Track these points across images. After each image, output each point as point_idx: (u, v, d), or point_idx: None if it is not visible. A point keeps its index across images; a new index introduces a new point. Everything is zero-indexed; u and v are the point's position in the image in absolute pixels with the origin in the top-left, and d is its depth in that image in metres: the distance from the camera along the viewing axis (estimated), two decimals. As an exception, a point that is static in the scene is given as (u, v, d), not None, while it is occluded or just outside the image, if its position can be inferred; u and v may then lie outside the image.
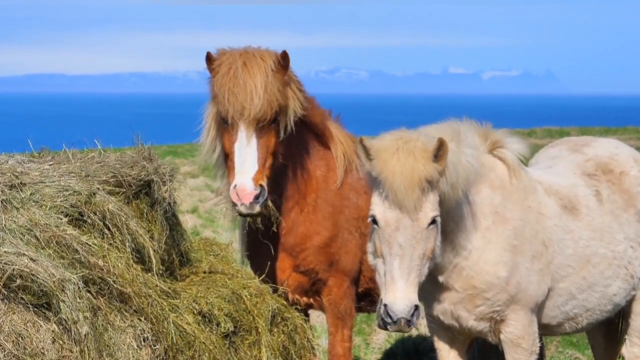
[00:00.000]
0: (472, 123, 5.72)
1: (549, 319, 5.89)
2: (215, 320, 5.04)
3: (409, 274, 5.02)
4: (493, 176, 5.63)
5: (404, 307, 4.97)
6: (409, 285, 5.01)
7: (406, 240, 5.05)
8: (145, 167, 5.09)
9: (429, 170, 5.04)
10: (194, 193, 20.30)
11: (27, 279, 4.16)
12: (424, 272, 5.13)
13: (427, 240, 5.10)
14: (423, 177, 5.02)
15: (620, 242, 6.05)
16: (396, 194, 5.04)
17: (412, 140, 5.14)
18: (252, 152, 6.03)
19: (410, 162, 5.03)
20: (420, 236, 5.07)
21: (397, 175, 5.03)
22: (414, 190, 5.01)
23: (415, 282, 5.05)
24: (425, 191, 5.06)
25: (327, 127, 6.69)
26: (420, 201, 5.03)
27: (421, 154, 5.06)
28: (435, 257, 5.19)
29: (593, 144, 6.50)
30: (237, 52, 6.25)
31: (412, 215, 5.05)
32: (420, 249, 5.07)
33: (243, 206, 5.94)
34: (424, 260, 5.10)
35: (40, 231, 4.40)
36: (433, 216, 5.09)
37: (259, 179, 5.99)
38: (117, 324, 4.50)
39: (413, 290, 5.03)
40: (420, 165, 5.03)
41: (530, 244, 5.61)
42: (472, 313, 5.58)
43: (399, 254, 5.04)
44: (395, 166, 5.04)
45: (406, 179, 5.01)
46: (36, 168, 4.84)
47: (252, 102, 6.01)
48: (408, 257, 5.04)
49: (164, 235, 5.20)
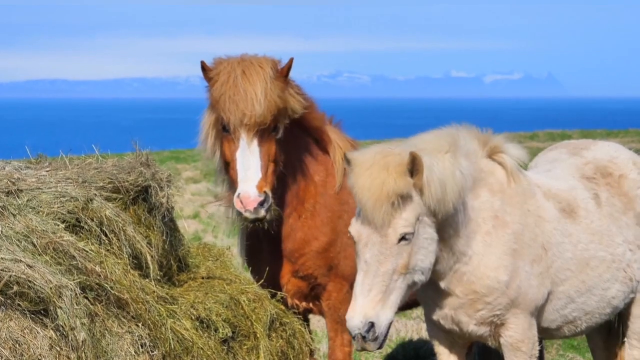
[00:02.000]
0: (471, 128, 5.71)
1: (549, 323, 5.88)
2: (213, 326, 5.03)
3: (370, 291, 5.03)
4: (492, 180, 5.62)
5: (357, 322, 5.00)
6: (369, 302, 5.02)
7: (372, 256, 5.06)
8: (142, 173, 5.09)
9: (399, 186, 5.01)
10: (195, 198, 20.30)
11: (24, 286, 4.15)
12: (396, 286, 5.10)
13: (397, 256, 5.08)
14: (393, 193, 4.99)
15: (619, 245, 6.05)
16: (365, 209, 5.05)
17: (390, 154, 5.12)
18: (255, 160, 6.05)
19: (381, 177, 5.01)
20: (389, 252, 5.06)
21: (366, 190, 5.03)
22: (382, 205, 4.99)
23: (378, 298, 5.04)
24: (397, 206, 5.02)
25: (326, 131, 6.69)
26: (389, 217, 5.01)
27: (395, 169, 5.04)
28: (412, 271, 5.15)
29: (592, 147, 6.50)
30: (235, 60, 6.27)
31: (380, 230, 5.04)
32: (389, 265, 5.06)
33: (248, 212, 5.96)
34: (394, 276, 5.08)
35: (37, 237, 4.39)
36: (403, 232, 5.06)
37: (263, 186, 6.00)
38: (115, 330, 4.49)
39: (372, 307, 5.02)
40: (391, 180, 5.00)
41: (529, 247, 5.60)
42: (472, 318, 5.57)
43: (363, 269, 5.07)
44: (366, 181, 5.04)
45: (374, 194, 4.99)
46: (33, 174, 4.84)
47: (253, 110, 6.03)
48: (372, 274, 5.05)
49: (161, 241, 5.19)
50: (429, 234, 5.21)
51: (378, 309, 5.04)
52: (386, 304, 5.07)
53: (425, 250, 5.19)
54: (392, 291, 5.09)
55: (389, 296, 5.08)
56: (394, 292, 5.10)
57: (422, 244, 5.17)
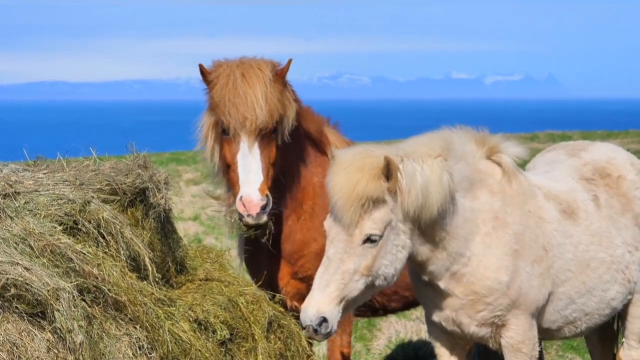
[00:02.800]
0: (467, 129, 5.71)
1: (549, 324, 5.88)
2: (211, 328, 5.03)
3: (327, 286, 5.08)
4: (492, 181, 5.62)
5: (310, 315, 5.06)
6: (324, 297, 5.07)
7: (335, 253, 5.11)
8: (140, 175, 5.08)
9: (370, 189, 5.05)
10: (196, 200, 20.29)
11: (21, 288, 4.14)
12: (356, 287, 5.13)
13: (361, 257, 5.11)
14: (363, 195, 5.04)
15: (618, 246, 6.05)
16: (336, 207, 5.11)
17: (369, 157, 5.16)
18: (256, 163, 6.05)
19: (355, 178, 5.06)
20: (352, 252, 5.10)
21: (338, 188, 5.09)
22: (352, 205, 5.04)
23: (334, 294, 5.08)
24: (367, 208, 5.07)
25: (324, 133, 6.69)
26: (357, 217, 5.06)
27: (369, 171, 5.08)
28: (374, 275, 5.17)
29: (590, 148, 6.50)
30: (234, 63, 6.26)
31: (347, 229, 5.09)
32: (351, 264, 5.10)
33: (250, 217, 5.96)
34: (355, 276, 5.11)
35: (35, 240, 4.38)
36: (369, 234, 5.10)
37: (264, 189, 6.01)
38: (113, 333, 4.48)
39: (327, 302, 5.06)
40: (363, 182, 5.05)
41: (530, 248, 5.60)
42: (473, 319, 5.57)
43: (325, 264, 5.13)
44: (340, 180, 5.10)
45: (345, 194, 5.05)
46: (30, 177, 4.83)
47: (253, 113, 6.04)
48: (332, 270, 5.10)
49: (159, 243, 5.19)
50: (400, 241, 5.23)
51: (332, 305, 5.08)
52: (342, 301, 5.11)
53: (392, 256, 5.21)
54: (351, 290, 5.13)
55: (346, 295, 5.12)
56: (353, 292, 5.14)
57: (390, 250, 5.19)
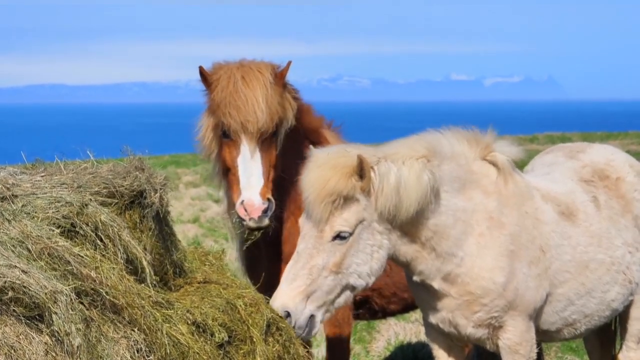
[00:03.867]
0: (458, 130, 5.70)
1: (549, 325, 5.87)
2: (209, 330, 5.01)
3: (294, 280, 5.16)
4: (486, 182, 5.60)
5: (275, 308, 5.18)
6: (290, 291, 5.16)
7: (304, 248, 5.18)
8: (137, 177, 5.06)
9: (340, 186, 5.09)
10: (195, 203, 20.28)
11: (19, 291, 4.13)
12: (325, 283, 5.17)
13: (330, 254, 5.16)
14: (334, 191, 5.09)
15: (618, 247, 6.04)
16: (307, 204, 5.18)
17: (344, 156, 5.19)
18: (257, 167, 6.05)
19: (327, 175, 5.11)
20: (322, 248, 5.16)
21: (310, 185, 5.16)
22: (322, 202, 5.10)
23: (300, 289, 5.15)
24: (338, 206, 5.12)
25: (324, 135, 6.69)
26: (327, 214, 5.12)
27: (342, 170, 5.12)
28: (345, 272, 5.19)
29: (588, 150, 6.50)
30: (234, 65, 6.25)
31: (318, 226, 5.15)
32: (320, 260, 5.15)
33: (252, 220, 5.96)
34: (324, 273, 5.16)
35: (32, 243, 4.37)
36: (339, 231, 5.14)
37: (266, 193, 6.01)
38: (110, 335, 4.47)
39: (292, 296, 5.15)
40: (334, 179, 5.09)
41: (527, 249, 5.59)
42: (470, 320, 5.57)
43: (294, 259, 5.21)
44: (312, 177, 5.16)
45: (316, 190, 5.11)
46: (28, 180, 4.82)
47: (254, 116, 6.03)
48: (300, 264, 5.17)
49: (157, 246, 5.18)
50: (375, 241, 5.25)
51: (297, 300, 5.14)
52: (310, 297, 5.16)
53: (366, 255, 5.23)
54: (320, 287, 5.16)
55: (314, 290, 5.16)
56: (322, 289, 5.17)
57: (362, 249, 5.21)
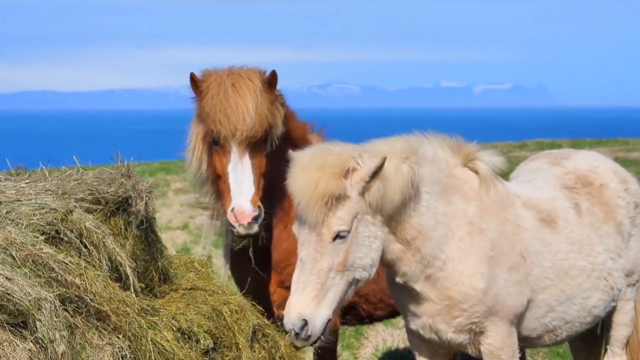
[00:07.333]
0: (441, 136, 5.72)
1: (529, 331, 5.89)
2: (194, 337, 5.02)
3: (305, 288, 5.08)
4: (467, 188, 5.62)
5: (292, 319, 5.07)
6: (303, 299, 5.07)
7: (307, 254, 5.12)
8: (123, 184, 5.07)
9: (331, 187, 5.05)
10: (184, 209, 20.26)
11: (2, 299, 4.13)
12: (334, 284, 5.13)
13: (333, 254, 5.12)
14: (325, 193, 5.04)
15: (600, 253, 6.06)
16: (300, 209, 5.12)
17: (328, 155, 5.16)
18: (248, 174, 6.05)
19: (315, 177, 5.06)
20: (324, 250, 5.11)
21: (299, 190, 5.10)
22: (316, 205, 5.04)
23: (313, 295, 5.08)
24: (331, 206, 5.07)
25: (309, 140, 6.69)
26: (322, 216, 5.07)
27: (329, 170, 5.08)
28: (351, 269, 5.17)
29: (573, 156, 6.53)
30: (224, 72, 6.26)
31: (315, 229, 5.10)
32: (324, 263, 5.10)
33: (241, 227, 5.95)
34: (331, 274, 5.12)
35: (16, 250, 4.37)
36: (338, 231, 5.11)
37: (257, 200, 6.02)
38: (95, 342, 4.47)
39: (306, 304, 5.07)
40: (323, 181, 5.04)
41: (507, 255, 5.61)
42: (450, 325, 5.58)
43: (299, 267, 5.14)
44: (299, 181, 5.11)
45: (307, 195, 5.05)
46: (12, 186, 4.82)
47: (244, 123, 6.04)
48: (307, 271, 5.10)
49: (142, 252, 5.18)
50: (370, 232, 5.23)
51: (313, 306, 5.07)
52: (322, 301, 5.11)
53: (366, 247, 5.21)
54: (330, 289, 5.12)
55: (325, 294, 5.11)
56: (332, 290, 5.13)
57: (361, 242, 5.20)
